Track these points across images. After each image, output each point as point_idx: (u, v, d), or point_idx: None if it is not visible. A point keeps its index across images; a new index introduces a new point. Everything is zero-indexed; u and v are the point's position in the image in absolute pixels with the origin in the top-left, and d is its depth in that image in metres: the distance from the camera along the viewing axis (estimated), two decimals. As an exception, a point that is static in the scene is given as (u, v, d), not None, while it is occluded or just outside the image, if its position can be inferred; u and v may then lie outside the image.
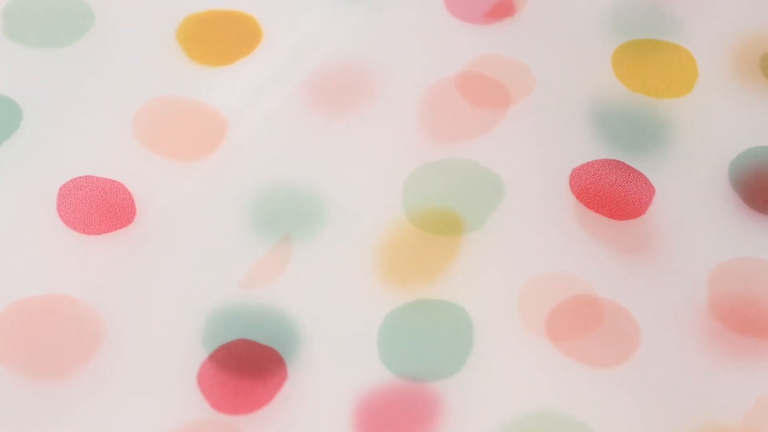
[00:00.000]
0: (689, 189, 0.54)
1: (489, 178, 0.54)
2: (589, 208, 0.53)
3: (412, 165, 0.54)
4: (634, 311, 0.50)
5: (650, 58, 0.59)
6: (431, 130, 0.56)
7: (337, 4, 0.61)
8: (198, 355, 0.49)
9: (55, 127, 0.56)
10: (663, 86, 0.58)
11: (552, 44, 0.59)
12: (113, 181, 0.54)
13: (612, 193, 0.54)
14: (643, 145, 0.56)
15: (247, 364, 0.48)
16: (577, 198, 0.53)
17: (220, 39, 0.60)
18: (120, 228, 0.53)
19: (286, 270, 0.51)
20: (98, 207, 0.53)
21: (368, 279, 0.51)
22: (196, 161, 0.55)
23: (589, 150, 0.55)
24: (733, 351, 0.49)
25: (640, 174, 0.54)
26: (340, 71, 0.58)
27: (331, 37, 0.60)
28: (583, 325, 0.49)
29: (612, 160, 0.55)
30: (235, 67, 0.59)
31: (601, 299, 0.50)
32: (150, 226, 0.53)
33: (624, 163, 0.55)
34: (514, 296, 0.50)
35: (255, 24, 0.61)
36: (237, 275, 0.51)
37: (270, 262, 0.51)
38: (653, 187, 0.54)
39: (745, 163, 0.55)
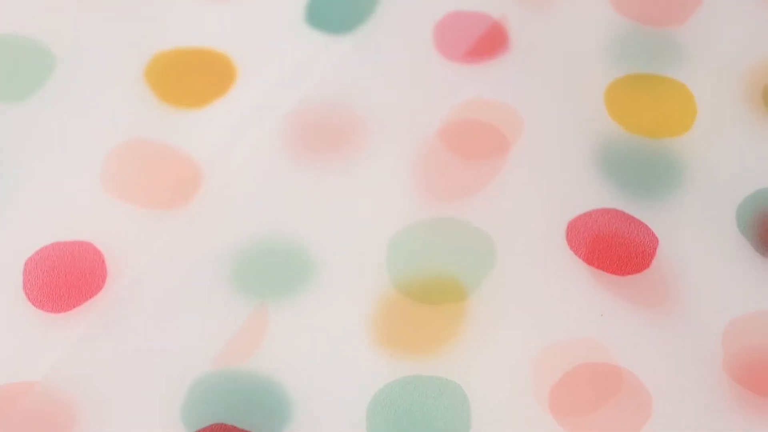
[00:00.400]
0: (695, 237, 0.51)
1: (480, 238, 0.51)
2: (588, 264, 0.50)
3: (398, 224, 0.51)
4: (644, 377, 0.47)
5: (645, 95, 0.55)
6: (418, 182, 0.52)
7: (318, 39, 0.58)
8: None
9: (17, 191, 0.52)
10: (660, 125, 0.54)
11: (542, 83, 0.56)
12: (82, 242, 0.51)
13: (612, 246, 0.50)
14: (642, 191, 0.52)
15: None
16: (576, 254, 0.50)
17: (192, 79, 0.57)
18: (90, 298, 0.49)
19: (266, 342, 0.48)
20: (67, 277, 0.50)
21: (357, 351, 0.48)
22: (169, 212, 0.52)
23: (585, 199, 0.52)
24: (752, 413, 0.46)
25: (641, 223, 0.51)
26: (321, 114, 0.55)
27: (312, 76, 0.56)
28: (591, 397, 0.46)
29: (610, 209, 0.51)
30: (209, 110, 0.56)
31: (608, 367, 0.47)
32: (122, 291, 0.50)
33: (623, 212, 0.51)
34: (515, 369, 0.47)
35: (228, 62, 0.57)
36: (215, 346, 0.48)
37: (248, 334, 0.48)
38: (656, 238, 0.51)
39: (753, 206, 0.52)
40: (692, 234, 0.51)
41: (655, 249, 0.50)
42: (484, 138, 0.53)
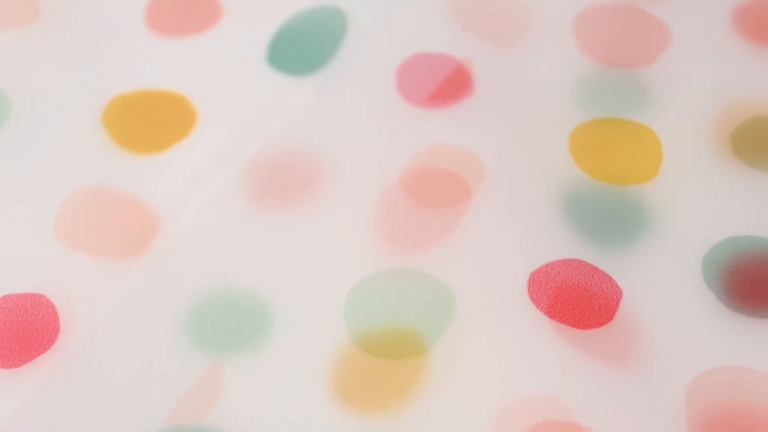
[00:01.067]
0: (660, 289, 0.50)
1: (440, 290, 0.49)
2: (550, 317, 0.49)
3: (357, 276, 0.50)
4: None
5: (611, 140, 0.54)
6: (379, 232, 0.51)
7: (280, 81, 0.57)
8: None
9: None
10: (626, 171, 0.53)
11: (505, 128, 0.54)
12: (35, 294, 0.50)
13: (575, 298, 0.49)
14: (607, 240, 0.51)
15: None
16: (537, 307, 0.49)
17: (150, 123, 0.56)
18: (42, 353, 0.48)
19: (221, 398, 0.47)
20: (19, 332, 0.49)
21: (314, 409, 0.47)
22: (124, 262, 0.51)
23: (548, 249, 0.51)
24: None
25: (604, 274, 0.50)
26: (282, 160, 0.54)
27: (273, 120, 0.55)
28: None
29: (573, 259, 0.50)
30: (168, 155, 0.54)
31: (570, 425, 0.46)
32: (74, 346, 0.49)
33: (587, 263, 0.50)
34: (475, 427, 0.46)
35: (188, 105, 0.56)
36: (169, 403, 0.47)
37: (203, 390, 0.47)
38: (620, 289, 0.50)
39: (719, 257, 0.51)
40: (657, 285, 0.50)
41: (619, 301, 0.49)
42: (445, 186, 0.52)
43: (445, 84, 0.56)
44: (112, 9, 0.59)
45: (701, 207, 0.52)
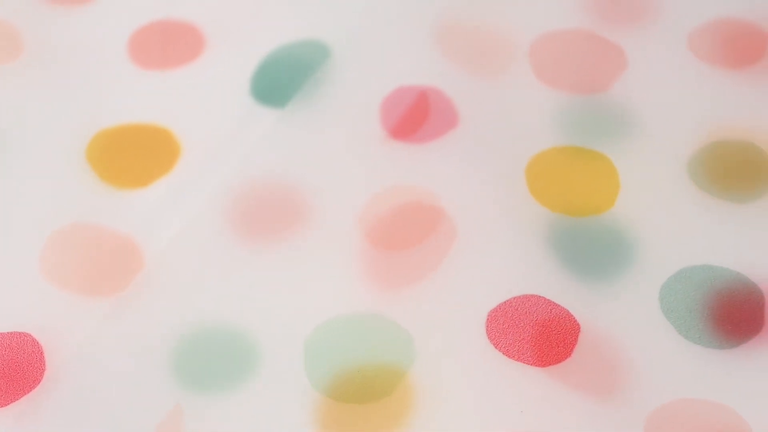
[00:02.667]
0: (618, 322, 0.49)
1: (398, 334, 0.49)
2: (508, 357, 0.48)
3: (318, 319, 0.50)
4: None
5: (568, 170, 0.54)
6: (359, 270, 0.51)
7: (264, 114, 0.57)
8: None
9: None
10: (583, 202, 0.53)
11: (467, 165, 0.54)
12: (20, 333, 0.50)
13: (533, 336, 0.49)
14: (563, 274, 0.51)
15: None
16: (495, 347, 0.49)
17: (134, 157, 0.56)
18: (28, 392, 0.48)
19: None
20: (4, 372, 0.49)
21: None
22: (108, 299, 0.51)
23: (506, 285, 0.50)
24: None
25: (562, 309, 0.50)
26: (267, 193, 0.54)
27: (258, 154, 0.55)
28: None
29: (531, 295, 0.50)
30: (152, 189, 0.54)
31: None
32: (60, 385, 0.49)
33: (544, 298, 0.50)
34: None
35: (172, 138, 0.56)
36: None
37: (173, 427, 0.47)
38: (578, 324, 0.49)
39: (676, 288, 0.50)
40: (615, 318, 0.50)
41: (577, 336, 0.49)
42: (409, 226, 0.52)
43: (429, 118, 0.56)
44: (95, 43, 0.60)
45: (658, 237, 0.52)
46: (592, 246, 0.52)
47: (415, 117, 0.56)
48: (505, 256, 0.51)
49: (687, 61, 0.58)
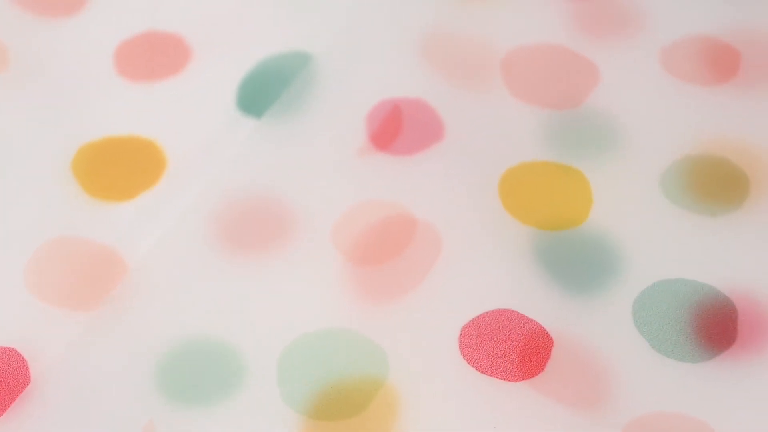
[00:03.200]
0: (590, 337, 0.49)
1: (372, 350, 0.49)
2: (481, 372, 0.48)
3: (292, 335, 0.50)
4: None
5: (540, 184, 0.54)
6: (337, 287, 0.51)
7: (249, 126, 0.57)
8: None
9: None
10: (556, 216, 0.53)
11: (455, 178, 0.54)
12: (4, 348, 0.50)
13: (506, 351, 0.49)
14: (536, 288, 0.51)
15: None
16: (468, 362, 0.49)
17: (120, 170, 0.56)
18: (10, 406, 0.49)
19: None
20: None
21: None
22: (93, 312, 0.51)
23: (479, 300, 0.50)
24: None
25: (535, 323, 0.50)
26: (252, 206, 0.54)
27: (243, 166, 0.56)
28: None
29: (504, 310, 0.50)
30: (137, 202, 0.55)
31: None
32: (45, 398, 0.49)
33: (517, 312, 0.50)
34: None
35: (157, 150, 0.56)
36: None
37: None
38: (551, 338, 0.49)
39: (650, 301, 0.50)
40: (588, 333, 0.50)
41: (550, 351, 0.49)
42: (387, 240, 0.52)
43: (415, 130, 0.56)
44: (81, 55, 0.60)
45: (632, 251, 0.52)
46: (566, 260, 0.52)
47: (399, 130, 0.56)
48: (478, 270, 0.51)
49: (661, 76, 0.58)
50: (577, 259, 0.52)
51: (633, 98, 0.57)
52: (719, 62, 0.58)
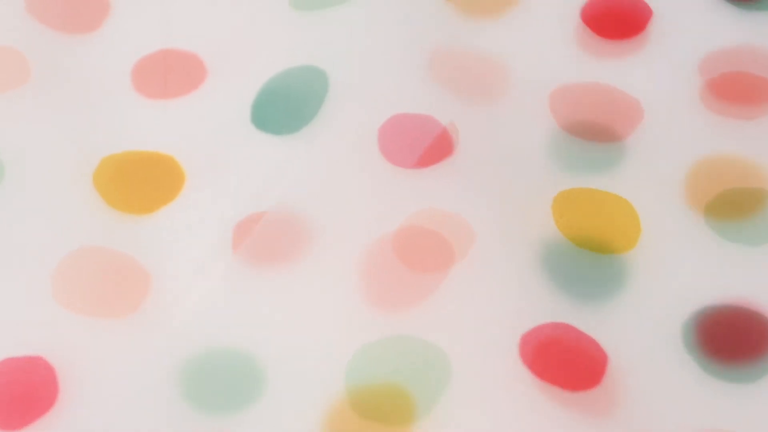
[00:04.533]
0: (641, 355, 0.51)
1: (435, 354, 0.51)
2: (542, 379, 0.50)
3: (350, 339, 0.51)
4: None
5: (590, 210, 0.56)
6: (366, 293, 0.52)
7: (264, 141, 0.58)
8: None
9: None
10: (606, 241, 0.55)
11: (490, 192, 0.56)
12: (32, 357, 0.51)
13: (564, 361, 0.51)
14: (590, 306, 0.53)
15: None
16: (530, 369, 0.50)
17: (140, 184, 0.57)
18: (42, 415, 0.50)
19: None
20: (18, 395, 0.50)
21: None
22: (119, 321, 0.53)
23: (535, 311, 0.52)
24: None
25: (590, 339, 0.52)
26: (268, 219, 0.55)
27: (259, 180, 0.57)
28: None
29: (561, 323, 0.52)
30: (157, 215, 0.56)
31: None
32: (73, 407, 0.50)
33: (573, 327, 0.52)
34: None
35: (176, 165, 0.58)
36: None
37: None
38: (605, 354, 0.51)
39: (697, 325, 0.53)
40: (639, 351, 0.52)
41: (605, 365, 0.51)
42: (431, 248, 0.53)
43: (427, 145, 0.57)
44: (100, 71, 0.61)
45: (679, 276, 0.54)
46: (616, 282, 0.54)
47: (414, 144, 0.57)
48: (532, 283, 0.53)
49: (700, 109, 0.60)
50: (627, 282, 0.54)
51: (675, 133, 0.59)
52: (756, 94, 0.60)
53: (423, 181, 0.56)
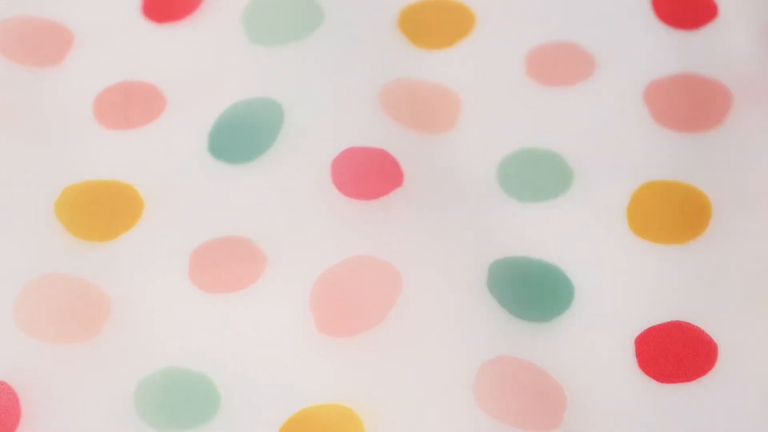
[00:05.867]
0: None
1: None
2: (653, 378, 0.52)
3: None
4: None
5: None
6: (318, 322, 0.54)
7: (221, 171, 0.60)
8: None
9: None
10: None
11: (441, 221, 0.57)
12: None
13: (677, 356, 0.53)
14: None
15: None
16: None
17: (101, 212, 0.59)
18: (4, 436, 0.51)
19: None
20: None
21: None
22: (80, 345, 0.54)
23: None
24: None
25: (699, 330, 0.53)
26: (224, 246, 0.57)
27: (217, 209, 0.58)
28: None
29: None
30: (117, 243, 0.58)
31: None
32: (35, 428, 0.51)
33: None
34: None
35: (135, 194, 0.59)
36: None
37: None
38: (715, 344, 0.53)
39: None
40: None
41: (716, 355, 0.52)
42: (379, 277, 0.55)
43: (378, 177, 0.58)
44: (63, 103, 0.63)
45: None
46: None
47: (366, 176, 0.58)
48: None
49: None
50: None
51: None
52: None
53: (373, 214, 0.57)
